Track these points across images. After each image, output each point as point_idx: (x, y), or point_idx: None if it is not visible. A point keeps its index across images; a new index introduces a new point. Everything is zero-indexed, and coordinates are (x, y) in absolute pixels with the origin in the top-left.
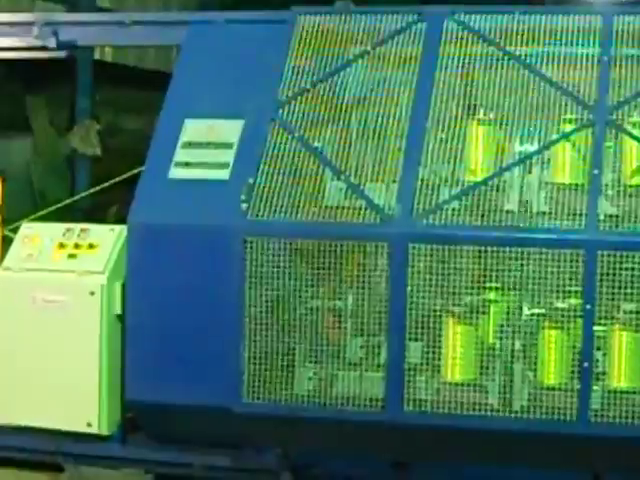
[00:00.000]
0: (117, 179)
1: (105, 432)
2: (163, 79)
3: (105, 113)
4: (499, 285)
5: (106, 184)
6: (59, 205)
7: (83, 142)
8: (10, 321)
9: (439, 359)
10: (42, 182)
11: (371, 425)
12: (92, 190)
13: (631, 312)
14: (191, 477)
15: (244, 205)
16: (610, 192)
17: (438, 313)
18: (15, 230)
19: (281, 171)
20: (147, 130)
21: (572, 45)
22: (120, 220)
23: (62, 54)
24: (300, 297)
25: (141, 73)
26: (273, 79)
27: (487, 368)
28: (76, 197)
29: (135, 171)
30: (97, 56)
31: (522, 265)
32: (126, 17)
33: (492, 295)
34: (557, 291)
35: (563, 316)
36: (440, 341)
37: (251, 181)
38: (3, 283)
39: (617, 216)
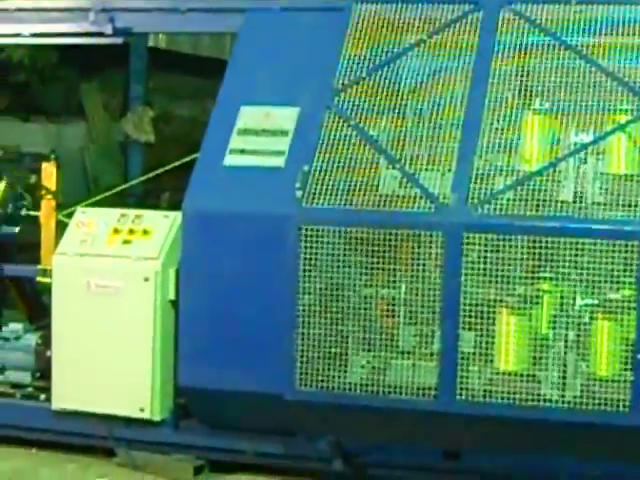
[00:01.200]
0: (171, 165)
1: (157, 417)
2: (217, 66)
3: (158, 100)
4: (553, 275)
5: (160, 170)
6: (113, 191)
7: (136, 128)
8: (65, 306)
9: (492, 349)
10: (95, 168)
11: (423, 414)
12: (146, 176)
13: None
14: (242, 464)
15: (299, 193)
16: None
17: (491, 303)
18: (69, 215)
19: (336, 159)
20: (200, 117)
21: (628, 35)
22: (172, 206)
23: (118, 40)
24: (354, 285)
25: (195, 60)
26: (329, 67)
27: (540, 358)
28: (130, 183)
29: (189, 158)
30: (151, 43)
31: (576, 256)
32: (182, 4)
33: (546, 285)
34: (611, 282)
35: (616, 307)
36: (493, 331)
37: (306, 169)
38: (58, 268)
39: None
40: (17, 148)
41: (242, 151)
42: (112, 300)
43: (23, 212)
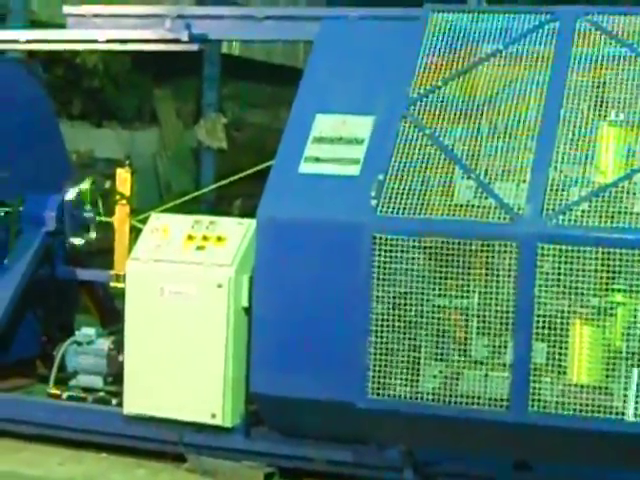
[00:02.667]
0: (245, 173)
1: (228, 424)
2: (290, 74)
3: (231, 107)
4: (627, 287)
5: (235, 177)
6: (187, 197)
7: (209, 135)
8: (138, 311)
9: (565, 360)
10: (168, 173)
11: (495, 424)
12: (220, 183)
13: None
14: (313, 471)
15: (374, 201)
16: None
17: (565, 314)
18: (143, 221)
19: (411, 168)
20: (272, 124)
21: None
22: (244, 213)
23: (194, 47)
24: (427, 295)
25: (268, 68)
26: (405, 76)
27: (613, 370)
28: (204, 190)
29: (263, 166)
30: (224, 50)
31: None
32: (258, 11)
33: (619, 297)
34: None
35: None
36: (566, 342)
37: (381, 177)
38: (132, 273)
39: None
40: (90, 153)
41: (317, 159)
42: (185, 306)
43: (97, 217)
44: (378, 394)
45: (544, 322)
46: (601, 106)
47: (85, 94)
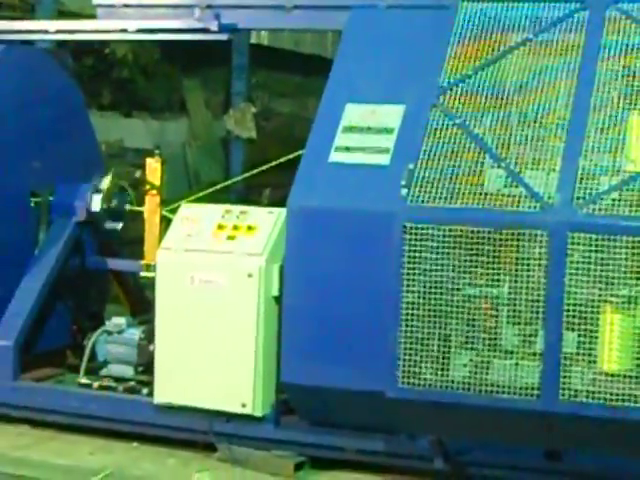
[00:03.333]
0: (274, 162)
1: (259, 413)
2: (318, 64)
3: (260, 96)
4: None
5: (265, 167)
6: (217, 187)
7: (238, 125)
8: (169, 300)
9: (595, 349)
10: (197, 163)
11: (525, 413)
12: (250, 173)
13: None
14: (343, 461)
15: (404, 191)
16: None
17: (595, 303)
18: (173, 211)
19: (441, 157)
20: (301, 114)
21: None
22: (273, 202)
23: (224, 37)
24: (457, 284)
25: (296, 57)
26: (434, 65)
27: None
28: (234, 179)
29: (292, 155)
30: (253, 39)
31: None
32: (287, 1)
33: None
34: None
35: None
36: (597, 331)
37: (411, 167)
38: (163, 263)
39: None
40: (120, 143)
41: (347, 148)
42: (215, 295)
43: (127, 207)
44: (408, 383)
45: (574, 311)
46: (631, 95)
47: (114, 84)
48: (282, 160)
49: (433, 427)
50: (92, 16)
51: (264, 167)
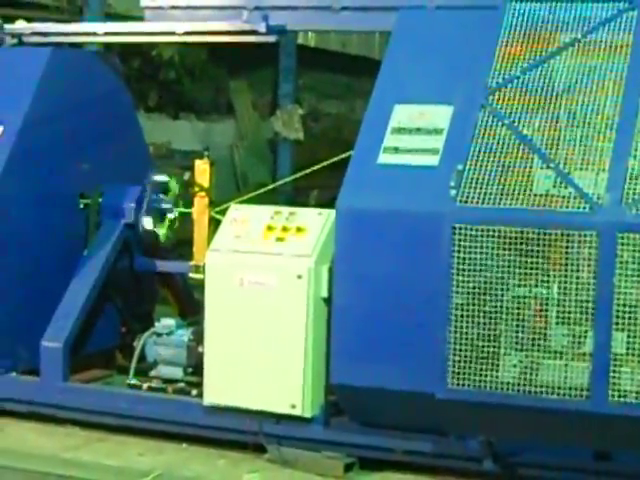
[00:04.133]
0: (322, 164)
1: (308, 414)
2: (365, 65)
3: (307, 98)
4: None
5: (315, 168)
6: (265, 189)
7: (286, 126)
8: (218, 302)
9: None
10: (245, 165)
11: (574, 414)
12: (300, 174)
13: None
14: (392, 462)
15: (453, 192)
16: None
17: None
18: (222, 212)
19: (490, 158)
20: (348, 115)
21: None
22: (321, 204)
23: (272, 38)
24: (506, 285)
25: (343, 58)
26: (483, 66)
27: None
28: (283, 180)
29: (341, 157)
30: (300, 41)
31: None
32: (334, 2)
33: None
34: None
35: None
36: None
37: (460, 167)
38: (212, 264)
39: None
40: (167, 145)
41: (396, 149)
42: (265, 297)
43: (176, 209)
44: (458, 384)
45: (624, 311)
46: None
47: (161, 86)
48: (330, 162)
49: (482, 428)
50: (139, 18)
51: (312, 168)
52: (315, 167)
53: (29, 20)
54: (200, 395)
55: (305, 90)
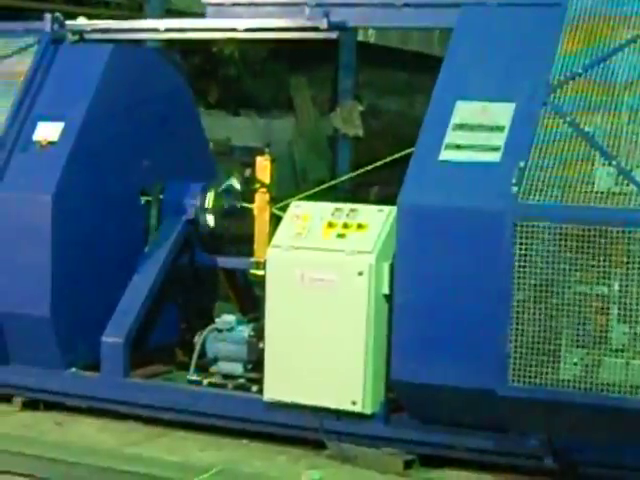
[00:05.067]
0: (383, 161)
1: (369, 411)
2: (425, 61)
3: (366, 94)
4: None
5: (373, 165)
6: (326, 185)
7: (346, 123)
8: (279, 298)
9: None
10: (304, 161)
11: (636, 412)
12: (359, 171)
13: None
14: (453, 459)
15: (514, 189)
16: None
17: None
18: (283, 208)
19: (551, 155)
20: (407, 112)
21: None
22: (381, 200)
23: (333, 35)
24: (567, 282)
25: (403, 55)
26: (545, 62)
27: None
28: (343, 178)
29: (402, 153)
30: (360, 37)
31: None
32: None
33: None
34: None
35: None
36: None
37: (522, 164)
38: (272, 261)
39: None
40: (227, 142)
41: (458, 146)
42: (326, 293)
43: (237, 205)
44: (519, 382)
45: None
46: None
47: (221, 83)
48: (391, 158)
49: (543, 425)
50: (199, 14)
51: (373, 165)
52: (376, 164)
53: (90, 17)
54: (260, 391)
55: (364, 86)
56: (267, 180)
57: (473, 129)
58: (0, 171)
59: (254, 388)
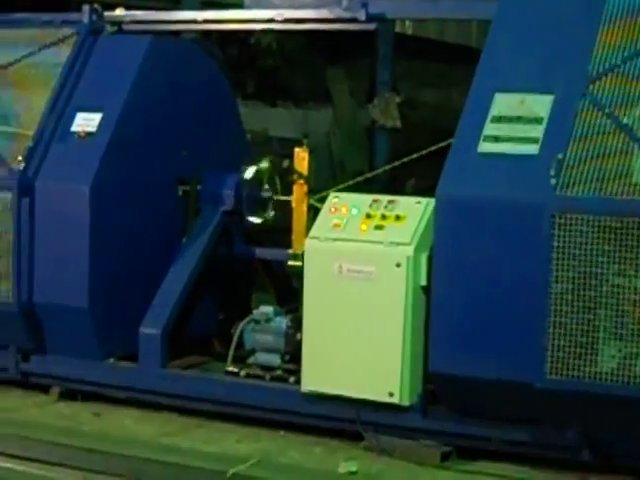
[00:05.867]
0: (421, 153)
1: (406, 402)
2: (463, 53)
3: (404, 86)
4: None
5: (412, 157)
6: (364, 177)
7: (383, 114)
8: (316, 289)
9: None
10: (341, 152)
11: None
12: (397, 162)
13: None
14: (490, 451)
15: (553, 181)
16: None
17: None
18: (321, 200)
19: (590, 147)
20: (445, 104)
21: None
22: (417, 193)
23: (371, 26)
24: (606, 274)
25: (441, 47)
26: (583, 53)
27: None
28: (382, 169)
29: (439, 145)
30: (397, 29)
31: None
32: None
33: None
34: None
35: None
36: None
37: (560, 156)
38: (310, 252)
39: None
40: (265, 133)
41: (496, 138)
42: (363, 285)
43: (274, 196)
44: (556, 374)
45: None
46: None
47: (259, 74)
48: (429, 150)
49: (580, 418)
50: (235, 5)
51: (412, 157)
52: (414, 155)
53: (127, 7)
54: (298, 382)
55: (402, 78)
56: (305, 171)
57: (512, 121)
58: (39, 162)
59: (291, 379)
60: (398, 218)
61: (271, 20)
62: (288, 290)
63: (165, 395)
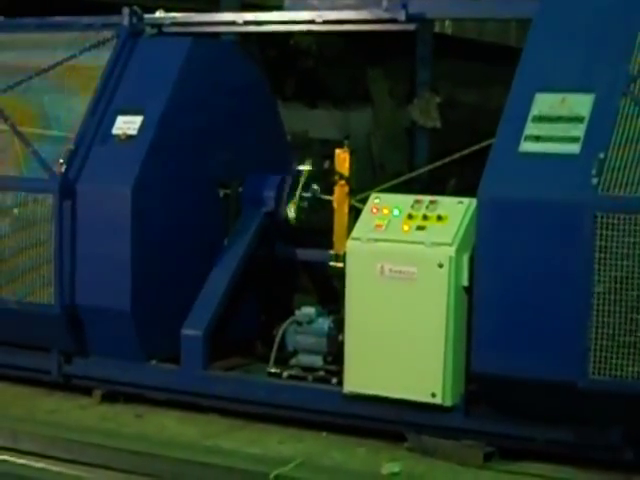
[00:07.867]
0: (462, 153)
1: (449, 403)
2: (502, 53)
3: (443, 86)
4: None
5: (452, 157)
6: (404, 177)
7: (423, 115)
8: (358, 290)
9: None
10: (381, 153)
11: None
12: (438, 163)
13: None
14: (533, 451)
15: (595, 180)
16: None
17: None
18: (362, 201)
19: (632, 146)
20: (485, 104)
21: None
22: (457, 193)
23: (411, 27)
24: None
25: (480, 46)
26: (625, 52)
27: None
28: (422, 169)
29: (481, 145)
30: (437, 29)
31: None
32: None
33: None
34: None
35: None
36: None
37: (602, 156)
38: (352, 253)
39: None
40: (305, 134)
41: (537, 138)
42: (405, 285)
43: (316, 197)
44: (599, 374)
45: None
46: None
47: (298, 75)
48: (470, 150)
49: (623, 418)
50: (275, 7)
51: (452, 157)
52: (455, 156)
53: (167, 10)
54: (340, 383)
55: (441, 78)
56: (346, 172)
57: (553, 120)
58: (80, 165)
59: (334, 380)
60: (440, 218)
61: (311, 22)
62: (330, 291)
63: (207, 397)
